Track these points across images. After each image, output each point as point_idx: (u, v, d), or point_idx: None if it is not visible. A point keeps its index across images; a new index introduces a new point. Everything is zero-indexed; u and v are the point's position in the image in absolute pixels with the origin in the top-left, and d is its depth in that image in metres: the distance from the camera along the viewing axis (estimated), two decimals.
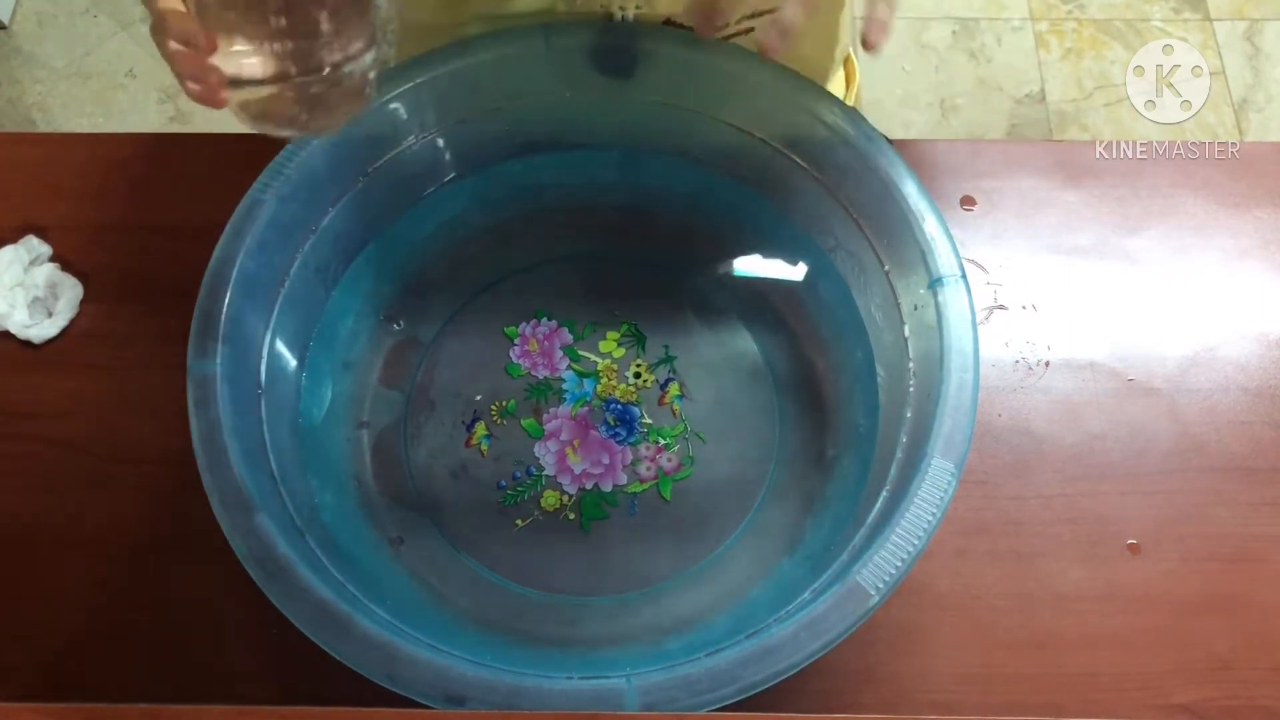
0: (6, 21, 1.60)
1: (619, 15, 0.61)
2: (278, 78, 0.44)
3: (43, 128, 1.55)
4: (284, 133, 0.48)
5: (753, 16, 0.62)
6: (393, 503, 0.66)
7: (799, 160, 0.63)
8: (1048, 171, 0.75)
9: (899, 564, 0.49)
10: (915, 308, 0.58)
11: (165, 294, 0.70)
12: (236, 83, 0.45)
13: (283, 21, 0.42)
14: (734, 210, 0.71)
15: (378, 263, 0.68)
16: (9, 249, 0.70)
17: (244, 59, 0.44)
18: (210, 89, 0.44)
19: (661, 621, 0.62)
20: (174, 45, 0.43)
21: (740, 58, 0.61)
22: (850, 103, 0.82)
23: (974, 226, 0.73)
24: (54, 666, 0.61)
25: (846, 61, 0.81)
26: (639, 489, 0.66)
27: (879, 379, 0.63)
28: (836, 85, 0.79)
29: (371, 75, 0.47)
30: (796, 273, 0.70)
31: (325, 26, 0.43)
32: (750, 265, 0.73)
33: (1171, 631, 0.62)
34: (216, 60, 0.44)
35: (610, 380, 0.69)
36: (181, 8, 0.43)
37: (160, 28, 0.43)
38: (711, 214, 0.72)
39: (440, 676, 0.47)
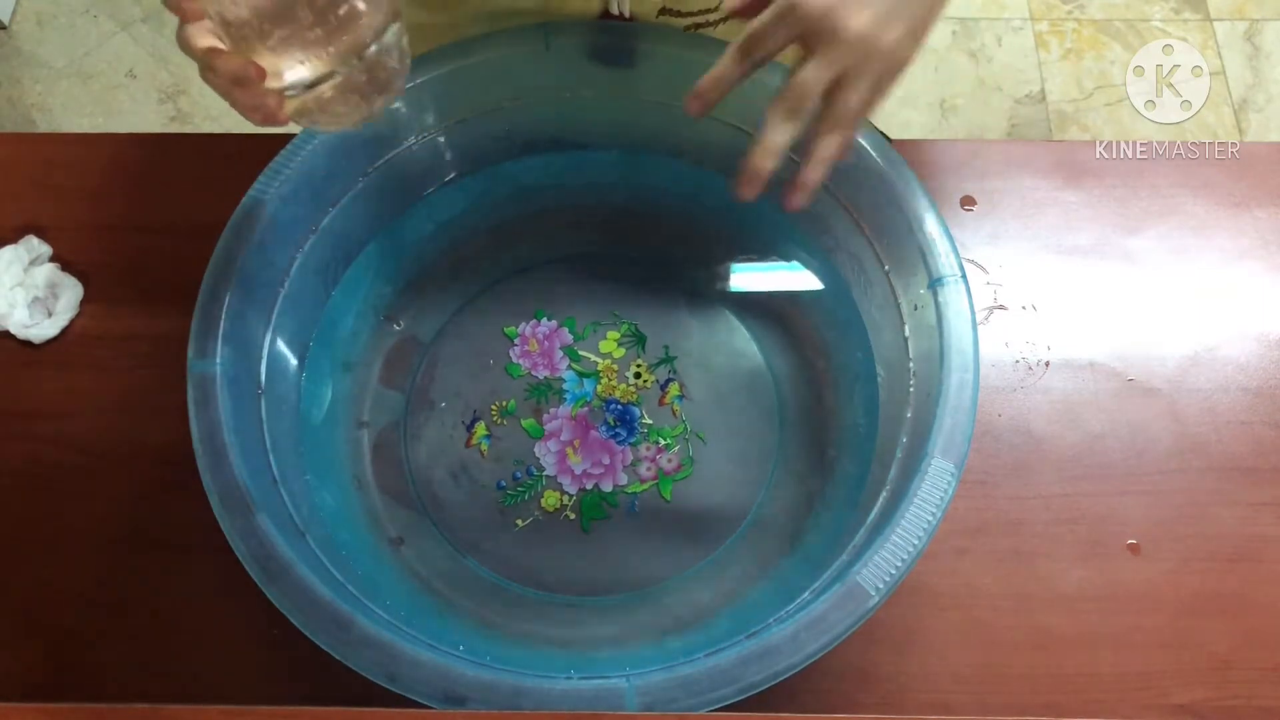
0: (6, 21, 1.60)
1: (616, 9, 0.61)
2: (326, 77, 0.45)
3: (43, 128, 1.55)
4: (341, 125, 0.49)
5: None
6: (393, 503, 0.66)
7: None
8: (1048, 171, 0.75)
9: (899, 564, 0.49)
10: (915, 308, 0.58)
11: (165, 294, 0.70)
12: (289, 93, 0.46)
13: (319, 31, 0.43)
14: (734, 210, 0.71)
15: (378, 263, 0.68)
16: (9, 249, 0.70)
17: (290, 71, 0.45)
18: (271, 113, 0.45)
19: (661, 621, 0.62)
20: (227, 86, 0.44)
21: None
22: None
23: (974, 226, 0.73)
24: (54, 666, 0.61)
25: None
26: (639, 489, 0.66)
27: (879, 379, 0.63)
28: None
29: (404, 42, 0.48)
30: (796, 273, 0.70)
31: (361, 8, 0.44)
32: (750, 265, 0.73)
33: (1171, 631, 0.62)
34: (269, 82, 0.45)
35: (610, 380, 0.69)
36: (219, 45, 0.44)
37: (211, 70, 0.44)
38: (711, 214, 0.72)
39: (440, 676, 0.47)
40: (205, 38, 0.44)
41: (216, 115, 1.56)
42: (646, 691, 0.46)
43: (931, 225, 0.57)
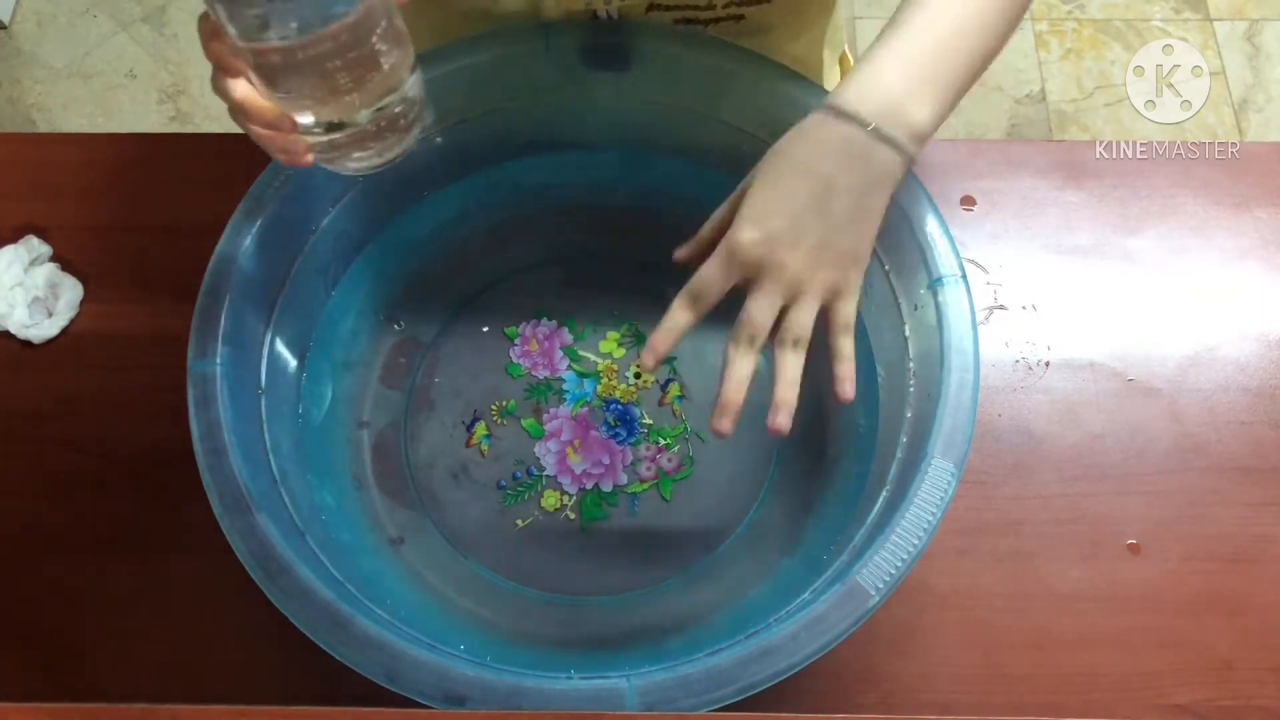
0: (6, 21, 1.60)
1: (603, 12, 0.61)
2: (349, 125, 0.47)
3: (43, 128, 1.55)
4: (361, 168, 0.51)
5: (741, 4, 0.62)
6: (393, 503, 0.66)
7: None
8: (1048, 171, 0.75)
9: (899, 564, 0.49)
10: (915, 308, 0.58)
11: (165, 294, 0.70)
12: (313, 136, 0.48)
13: (349, 81, 0.45)
14: None
15: (378, 263, 0.68)
16: (9, 249, 0.70)
17: (317, 117, 0.47)
18: (298, 156, 0.48)
19: (661, 621, 0.62)
20: (259, 130, 0.46)
21: (737, 56, 0.61)
22: None
23: (974, 226, 0.73)
24: (54, 666, 0.61)
25: (842, 59, 0.81)
26: (639, 489, 0.66)
27: (879, 379, 0.63)
28: (833, 82, 0.79)
29: (422, 92, 0.50)
30: None
31: (385, 65, 0.46)
32: None
33: (1171, 631, 0.62)
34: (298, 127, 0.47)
35: (610, 380, 0.69)
36: (254, 93, 0.46)
37: (245, 116, 0.46)
38: (711, 214, 0.71)
39: (440, 676, 0.47)
40: (241, 87, 0.46)
41: (216, 115, 1.56)
42: (646, 691, 0.46)
43: (931, 225, 0.57)
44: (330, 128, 0.47)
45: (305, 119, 0.47)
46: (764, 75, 0.61)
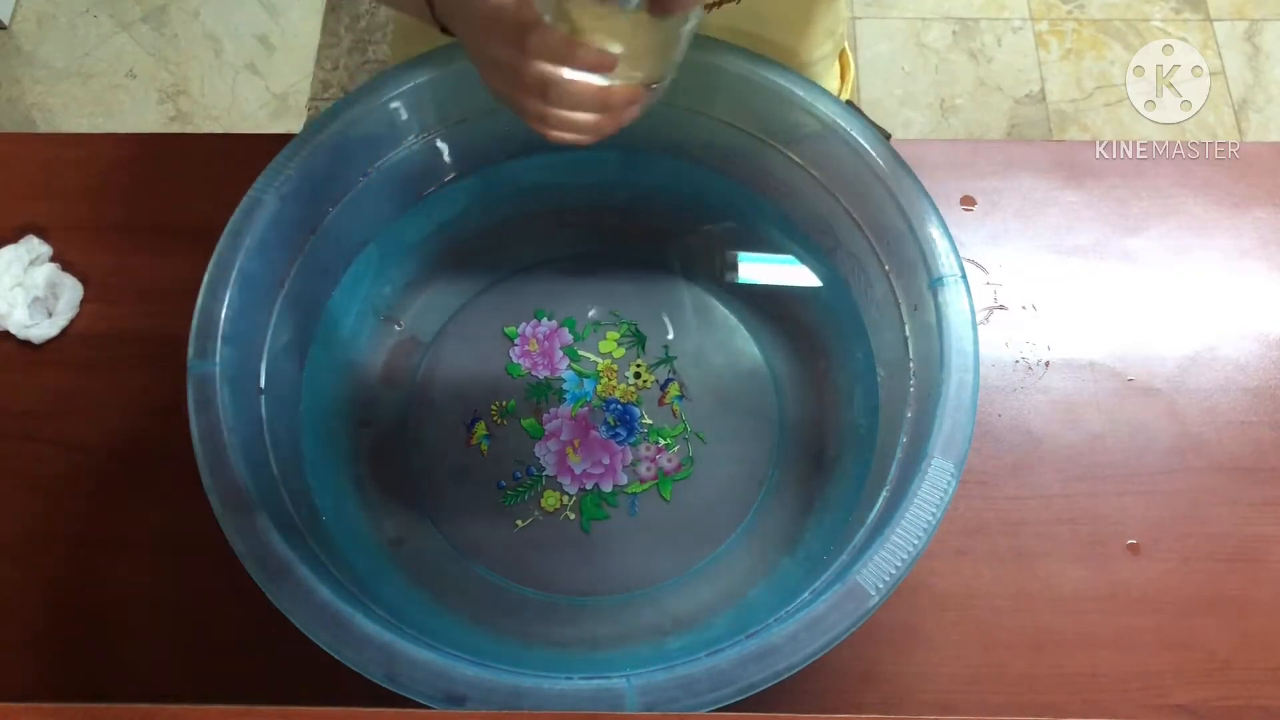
0: (6, 21, 1.60)
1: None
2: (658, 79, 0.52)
3: (43, 128, 1.55)
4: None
5: None
6: (393, 503, 0.66)
7: (798, 160, 0.63)
8: (1048, 171, 0.75)
9: (899, 564, 0.49)
10: (915, 308, 0.58)
11: (165, 294, 0.70)
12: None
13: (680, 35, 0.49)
14: (734, 210, 0.71)
15: (378, 263, 0.68)
16: (9, 249, 0.70)
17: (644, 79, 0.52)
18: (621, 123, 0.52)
19: (661, 621, 0.62)
20: (621, 106, 0.51)
21: (738, 56, 0.61)
22: (845, 95, 0.82)
23: (974, 226, 0.73)
24: (54, 666, 0.61)
25: (841, 55, 0.81)
26: (639, 489, 0.66)
27: (879, 379, 0.63)
28: (831, 79, 0.79)
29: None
30: (796, 273, 0.70)
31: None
32: (750, 265, 0.73)
33: (1171, 631, 0.62)
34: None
35: (610, 380, 0.69)
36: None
37: (608, 106, 0.51)
38: (711, 214, 0.72)
39: (440, 676, 0.47)
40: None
41: (216, 115, 1.56)
42: (646, 691, 0.46)
43: (931, 225, 0.57)
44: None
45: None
46: (764, 76, 0.61)
